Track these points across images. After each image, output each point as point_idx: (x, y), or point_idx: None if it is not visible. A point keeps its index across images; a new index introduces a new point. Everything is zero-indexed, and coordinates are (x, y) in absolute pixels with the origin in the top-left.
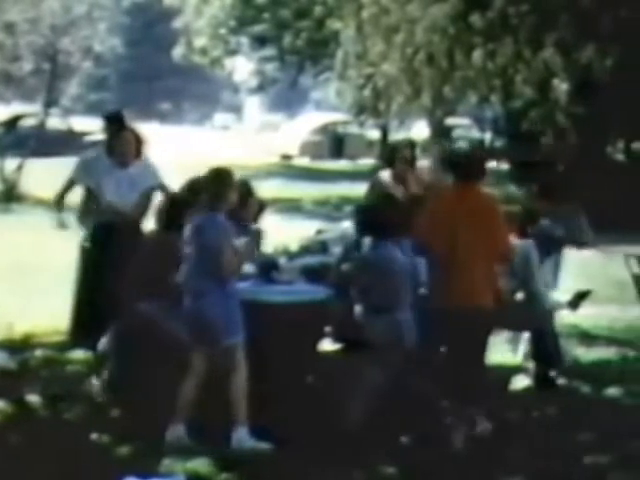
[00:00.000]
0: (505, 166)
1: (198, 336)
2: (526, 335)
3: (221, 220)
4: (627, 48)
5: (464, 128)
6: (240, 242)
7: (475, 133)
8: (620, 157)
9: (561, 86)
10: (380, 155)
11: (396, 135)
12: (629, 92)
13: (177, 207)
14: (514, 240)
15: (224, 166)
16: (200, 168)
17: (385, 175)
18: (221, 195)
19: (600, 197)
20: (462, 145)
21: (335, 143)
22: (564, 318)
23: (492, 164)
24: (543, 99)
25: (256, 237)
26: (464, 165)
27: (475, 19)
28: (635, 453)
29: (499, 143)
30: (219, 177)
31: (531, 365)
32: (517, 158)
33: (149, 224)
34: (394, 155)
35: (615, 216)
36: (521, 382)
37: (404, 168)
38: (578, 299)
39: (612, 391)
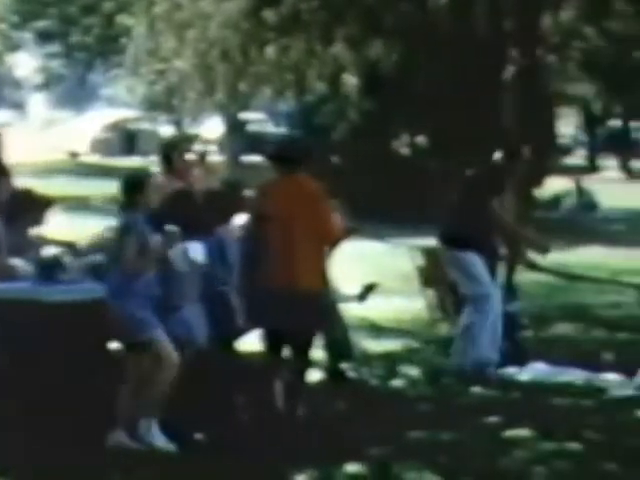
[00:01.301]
0: None
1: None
2: None
3: (131, 220)
4: (410, 44)
5: (258, 122)
6: (155, 242)
7: (270, 127)
8: (405, 151)
9: (351, 81)
10: (158, 152)
11: (190, 130)
12: (414, 87)
13: None
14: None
15: (138, 172)
16: None
17: (162, 173)
18: (136, 197)
19: (385, 190)
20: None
21: (127, 140)
22: (352, 310)
23: None
24: (335, 94)
25: (170, 238)
26: (287, 155)
27: (268, 15)
28: (415, 443)
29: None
30: (133, 181)
31: (323, 358)
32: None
33: None
34: (172, 151)
35: (400, 209)
36: (313, 375)
37: (184, 164)
38: (366, 291)
39: (398, 382)
